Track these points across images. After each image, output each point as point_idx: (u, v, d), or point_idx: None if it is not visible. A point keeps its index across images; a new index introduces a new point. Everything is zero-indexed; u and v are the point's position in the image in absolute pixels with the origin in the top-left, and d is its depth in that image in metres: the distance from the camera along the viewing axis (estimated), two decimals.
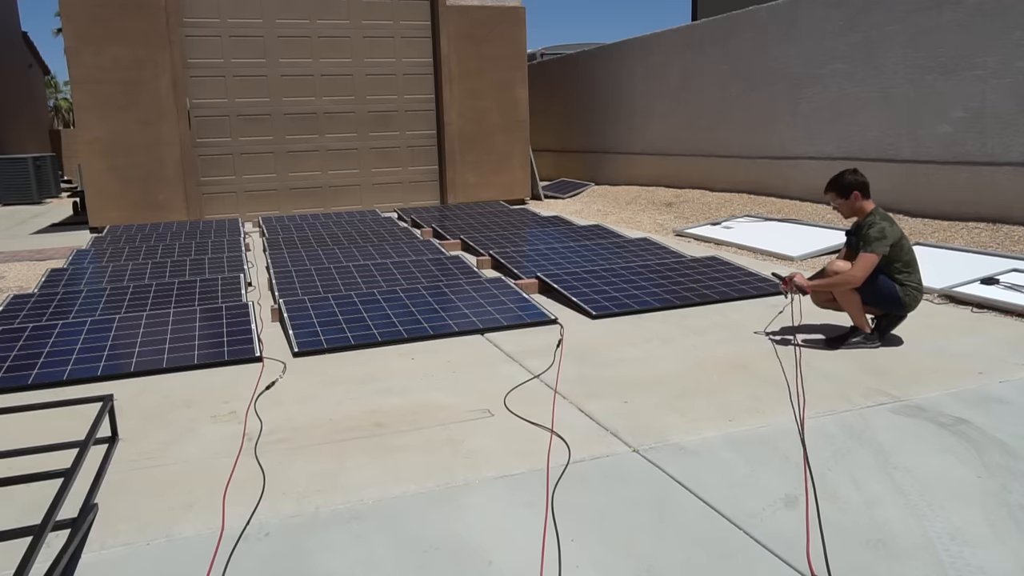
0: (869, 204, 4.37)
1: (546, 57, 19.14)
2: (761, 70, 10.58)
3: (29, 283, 7.31)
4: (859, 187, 4.33)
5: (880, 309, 4.41)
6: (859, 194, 4.33)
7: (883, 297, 4.32)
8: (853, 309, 4.40)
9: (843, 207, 4.41)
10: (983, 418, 3.36)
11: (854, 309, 4.39)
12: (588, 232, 8.51)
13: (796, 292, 4.51)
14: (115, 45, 10.27)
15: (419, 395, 3.91)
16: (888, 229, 4.23)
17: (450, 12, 11.83)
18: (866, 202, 4.37)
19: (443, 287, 5.92)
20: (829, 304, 4.57)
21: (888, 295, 4.31)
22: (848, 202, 4.37)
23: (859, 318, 4.42)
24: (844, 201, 4.38)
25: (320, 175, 11.84)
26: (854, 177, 4.34)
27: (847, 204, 4.38)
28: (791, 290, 4.50)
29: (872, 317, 4.53)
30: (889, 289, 4.29)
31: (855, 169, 4.39)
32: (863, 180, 4.34)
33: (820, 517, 2.58)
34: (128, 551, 2.52)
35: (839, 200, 4.40)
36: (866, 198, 4.36)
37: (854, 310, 4.40)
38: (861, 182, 4.33)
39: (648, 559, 2.39)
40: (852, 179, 4.34)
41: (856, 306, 4.37)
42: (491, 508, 2.73)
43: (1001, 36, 7.38)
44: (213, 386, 4.15)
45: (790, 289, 4.49)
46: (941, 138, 8.05)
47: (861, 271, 4.20)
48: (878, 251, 4.19)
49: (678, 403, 3.66)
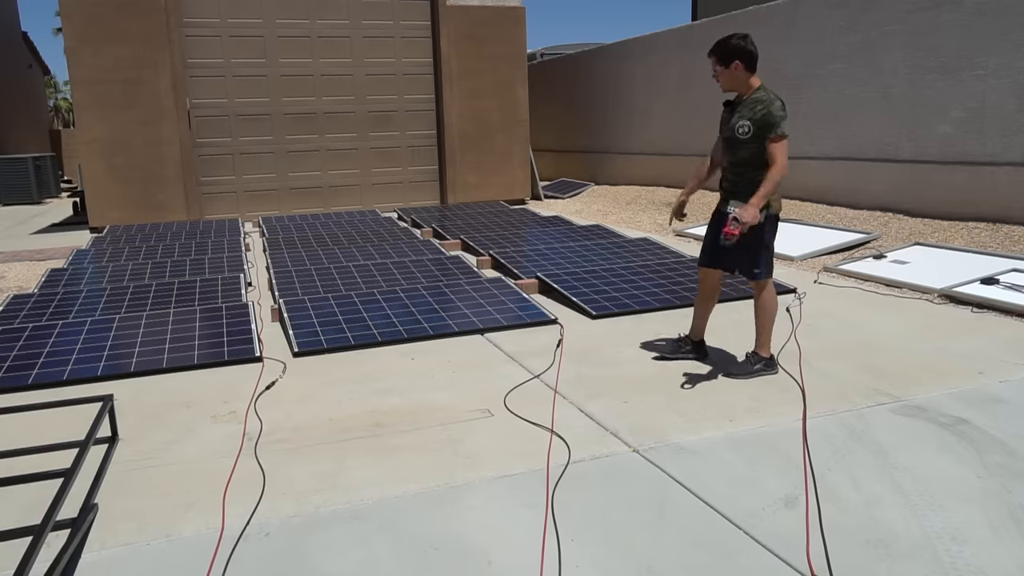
0: (755, 79, 3.81)
1: (546, 57, 19.14)
2: (761, 70, 10.48)
3: (29, 283, 7.31)
4: (743, 56, 3.73)
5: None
6: (741, 64, 3.74)
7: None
8: (768, 320, 4.00)
9: (723, 77, 3.80)
10: (983, 418, 3.36)
11: (769, 320, 4.00)
12: (588, 232, 8.51)
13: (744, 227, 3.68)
14: (115, 45, 10.27)
15: (419, 395, 3.91)
16: (783, 106, 3.73)
17: (450, 12, 11.83)
18: (752, 77, 3.80)
19: (443, 287, 5.92)
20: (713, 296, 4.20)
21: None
22: (728, 72, 3.77)
23: (768, 334, 4.02)
24: (724, 70, 3.78)
25: (320, 175, 11.84)
26: (741, 42, 3.73)
27: (728, 74, 3.78)
28: (737, 228, 3.67)
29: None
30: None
31: (746, 35, 3.79)
32: (751, 50, 3.75)
33: (820, 517, 2.58)
34: (128, 551, 2.52)
35: (719, 67, 3.79)
36: (750, 70, 3.78)
37: (769, 321, 4.00)
38: (748, 51, 3.73)
39: (648, 559, 2.38)
40: (738, 44, 3.72)
41: (771, 317, 4.00)
42: (491, 508, 2.73)
43: (1001, 36, 7.38)
44: (213, 386, 4.15)
45: (736, 228, 3.67)
46: (941, 138, 8.05)
47: (784, 157, 3.71)
48: (787, 132, 3.70)
49: (678, 403, 3.66)
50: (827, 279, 6.28)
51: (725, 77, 3.80)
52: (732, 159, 3.93)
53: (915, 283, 5.77)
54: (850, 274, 6.33)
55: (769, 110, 3.69)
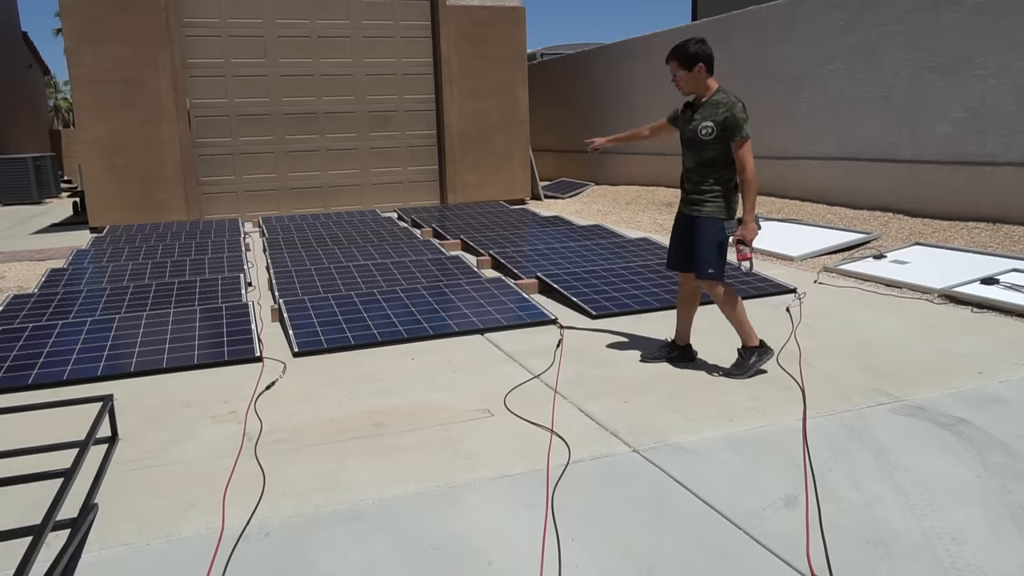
0: (713, 81, 3.88)
1: (546, 57, 19.14)
2: (761, 70, 10.57)
3: (29, 283, 7.31)
4: (705, 59, 3.81)
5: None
6: (704, 67, 3.81)
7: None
8: (737, 317, 3.97)
9: (684, 80, 3.86)
10: (983, 418, 3.36)
11: (737, 317, 3.97)
12: (588, 232, 8.51)
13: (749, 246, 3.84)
14: (115, 45, 10.27)
15: (419, 395, 3.91)
16: (744, 107, 3.79)
17: (450, 12, 11.83)
18: (710, 79, 3.87)
19: (443, 287, 5.92)
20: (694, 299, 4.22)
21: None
22: (691, 75, 3.83)
23: (745, 326, 3.98)
24: (687, 74, 3.84)
25: (320, 175, 11.84)
26: (702, 46, 3.81)
27: (689, 78, 3.84)
28: (749, 251, 3.85)
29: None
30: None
31: (703, 39, 3.87)
32: (711, 53, 3.83)
33: (820, 517, 2.58)
34: (128, 551, 2.52)
35: (681, 71, 3.84)
36: (710, 73, 3.85)
37: (738, 318, 3.97)
38: (708, 54, 3.81)
39: (648, 559, 2.38)
40: (699, 48, 3.80)
41: (737, 311, 3.97)
42: (491, 508, 2.73)
43: (1001, 36, 7.38)
44: (213, 386, 4.15)
45: (748, 251, 3.84)
46: (941, 138, 8.05)
47: (752, 161, 3.78)
48: (750, 133, 3.77)
49: (678, 403, 3.66)
50: (827, 279, 6.28)
51: (687, 81, 3.86)
52: (696, 160, 3.94)
53: (915, 283, 5.77)
54: (850, 274, 6.33)
55: (732, 112, 3.75)
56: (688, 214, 4.02)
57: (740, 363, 4.03)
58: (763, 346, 4.03)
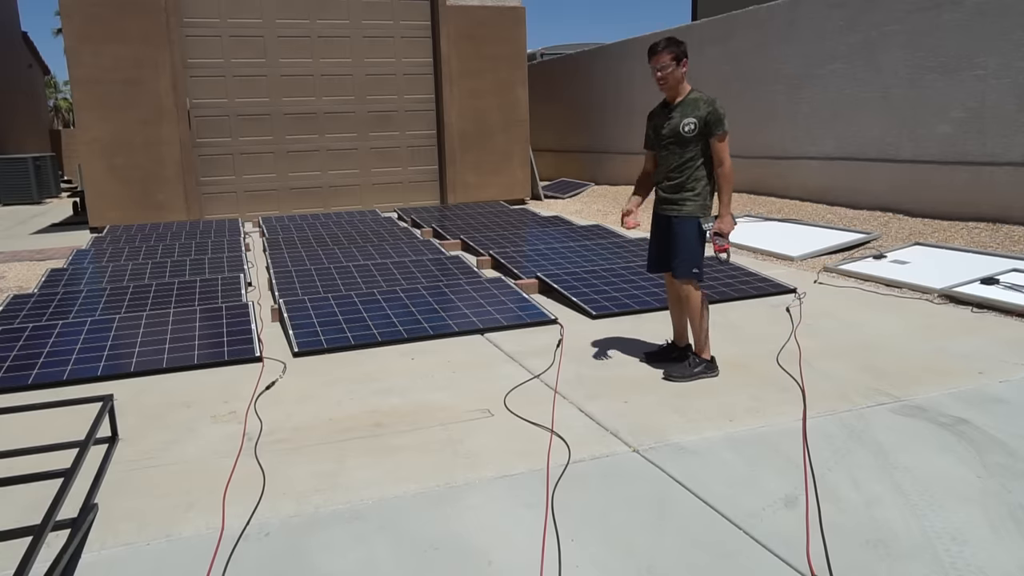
0: (687, 84, 3.91)
1: (546, 57, 19.14)
2: (761, 70, 10.57)
3: (29, 283, 7.31)
4: (687, 57, 3.84)
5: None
6: (686, 64, 3.84)
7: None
8: (696, 319, 3.99)
9: (672, 76, 3.81)
10: (983, 418, 3.36)
11: (696, 319, 3.99)
12: (588, 232, 8.51)
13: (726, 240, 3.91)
14: (115, 45, 10.27)
15: (419, 395, 3.91)
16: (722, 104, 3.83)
17: (450, 12, 11.82)
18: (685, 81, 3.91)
19: (443, 287, 5.92)
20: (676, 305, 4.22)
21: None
22: (678, 71, 3.81)
23: (701, 334, 4.00)
24: (677, 68, 3.81)
25: (320, 175, 11.84)
26: (684, 45, 3.83)
27: (676, 74, 3.82)
28: (726, 243, 3.90)
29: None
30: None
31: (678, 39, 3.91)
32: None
33: (820, 517, 2.58)
34: (128, 551, 2.52)
35: (673, 65, 3.79)
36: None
37: (697, 320, 3.99)
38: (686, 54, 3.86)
39: (648, 559, 2.38)
40: (684, 46, 3.82)
41: (697, 314, 3.99)
42: (491, 508, 2.73)
43: (1001, 36, 7.38)
44: (213, 386, 4.15)
45: (726, 243, 3.90)
46: (941, 138, 8.05)
47: (729, 157, 3.82)
48: (728, 129, 3.80)
49: (678, 403, 3.66)
50: (827, 279, 6.28)
51: (675, 77, 3.84)
52: (678, 160, 3.91)
53: (915, 283, 5.77)
54: (850, 274, 6.33)
55: (714, 107, 3.78)
56: (667, 215, 4.00)
57: (687, 365, 4.01)
58: (713, 362, 4.05)
